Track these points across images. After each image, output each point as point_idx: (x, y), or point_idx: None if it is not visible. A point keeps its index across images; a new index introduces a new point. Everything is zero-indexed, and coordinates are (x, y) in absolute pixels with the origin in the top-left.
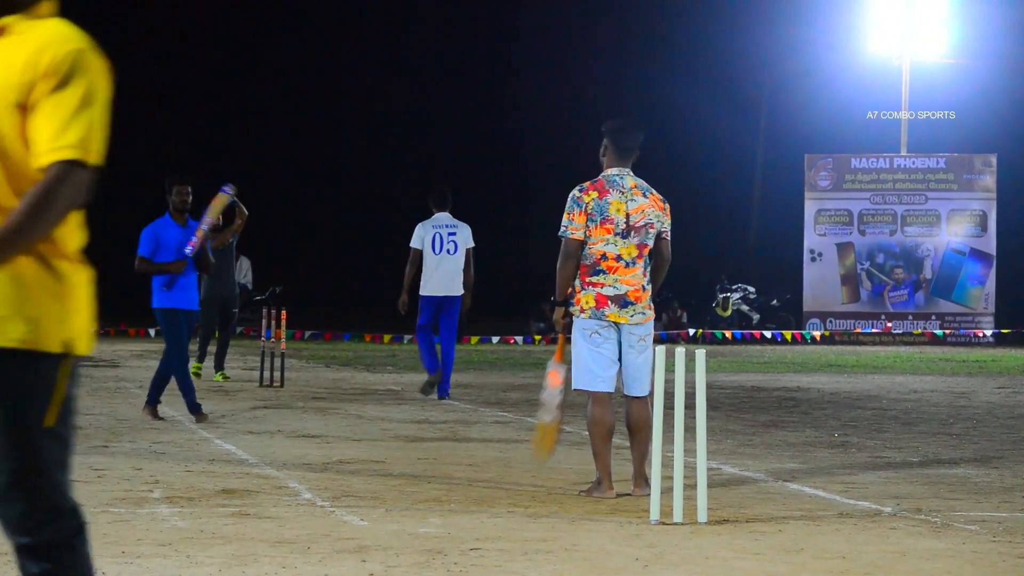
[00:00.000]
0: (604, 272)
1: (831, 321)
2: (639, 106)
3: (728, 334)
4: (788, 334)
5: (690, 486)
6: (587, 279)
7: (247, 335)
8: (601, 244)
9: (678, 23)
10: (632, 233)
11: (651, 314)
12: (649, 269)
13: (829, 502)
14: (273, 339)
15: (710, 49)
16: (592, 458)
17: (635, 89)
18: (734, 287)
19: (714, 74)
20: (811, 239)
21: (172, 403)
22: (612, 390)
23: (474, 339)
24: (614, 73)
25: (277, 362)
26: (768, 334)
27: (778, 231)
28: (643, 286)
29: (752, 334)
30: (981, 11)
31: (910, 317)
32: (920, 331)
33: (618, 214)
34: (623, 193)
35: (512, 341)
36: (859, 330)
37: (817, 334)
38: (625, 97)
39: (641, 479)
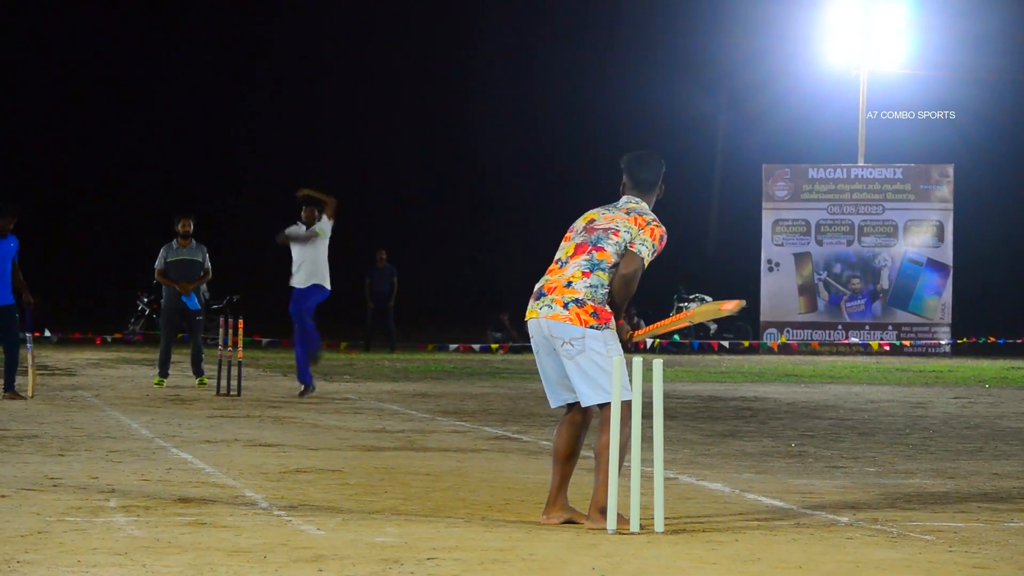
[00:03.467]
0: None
1: (788, 331)
2: (596, 118)
3: (686, 341)
4: (745, 343)
5: (647, 495)
6: None
7: (205, 343)
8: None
9: (636, 34)
10: (581, 234)
11: (570, 315)
12: (595, 276)
13: (786, 512)
14: (230, 347)
15: (668, 59)
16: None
17: (592, 100)
18: (692, 297)
19: (672, 83)
20: (769, 249)
21: (126, 410)
22: (556, 404)
23: (430, 346)
24: (572, 85)
25: (234, 371)
26: (725, 344)
27: (736, 241)
28: (568, 282)
29: (709, 344)
30: (939, 22)
31: (867, 327)
32: (877, 341)
33: (581, 221)
34: (607, 208)
35: (469, 350)
36: (816, 344)
37: (775, 344)
38: (583, 109)
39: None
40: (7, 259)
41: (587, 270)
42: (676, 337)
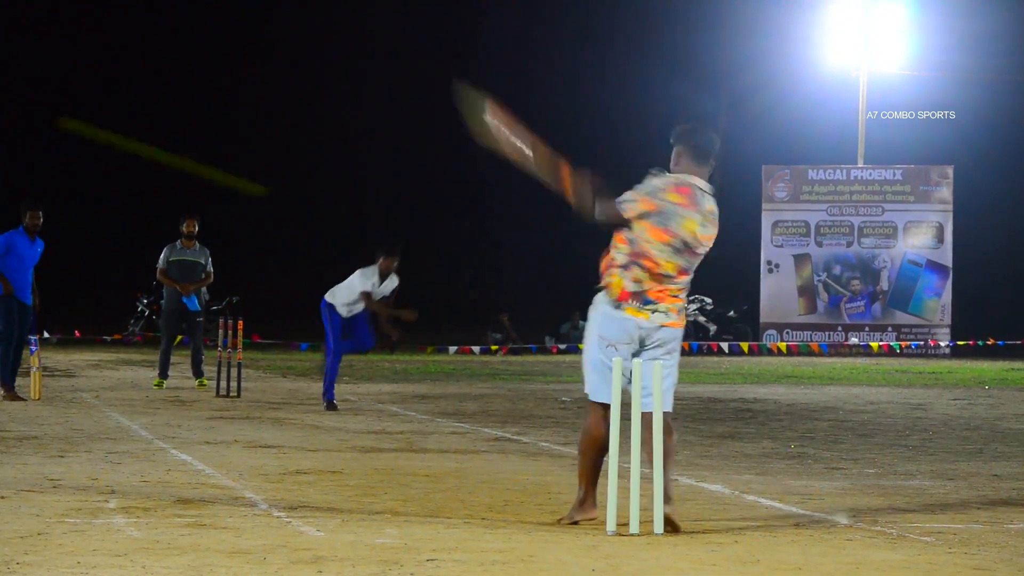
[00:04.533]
0: (641, 268)
1: (788, 332)
2: (594, 120)
3: (685, 345)
4: (745, 345)
5: (646, 497)
6: (619, 264)
7: (204, 344)
8: (650, 245)
9: (636, 34)
10: (684, 255)
11: (679, 321)
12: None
13: (785, 513)
14: (230, 349)
15: (668, 60)
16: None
17: (593, 101)
18: (691, 298)
19: (671, 84)
20: (768, 250)
21: (126, 412)
22: (601, 400)
23: (430, 348)
24: (572, 86)
25: (233, 372)
26: (725, 345)
27: (735, 242)
28: (674, 293)
29: (709, 345)
30: (939, 22)
31: (867, 328)
32: (876, 343)
33: (685, 232)
34: (703, 216)
35: (469, 351)
36: (816, 345)
37: (774, 345)
38: (583, 109)
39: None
40: (33, 262)
41: (679, 288)
42: None
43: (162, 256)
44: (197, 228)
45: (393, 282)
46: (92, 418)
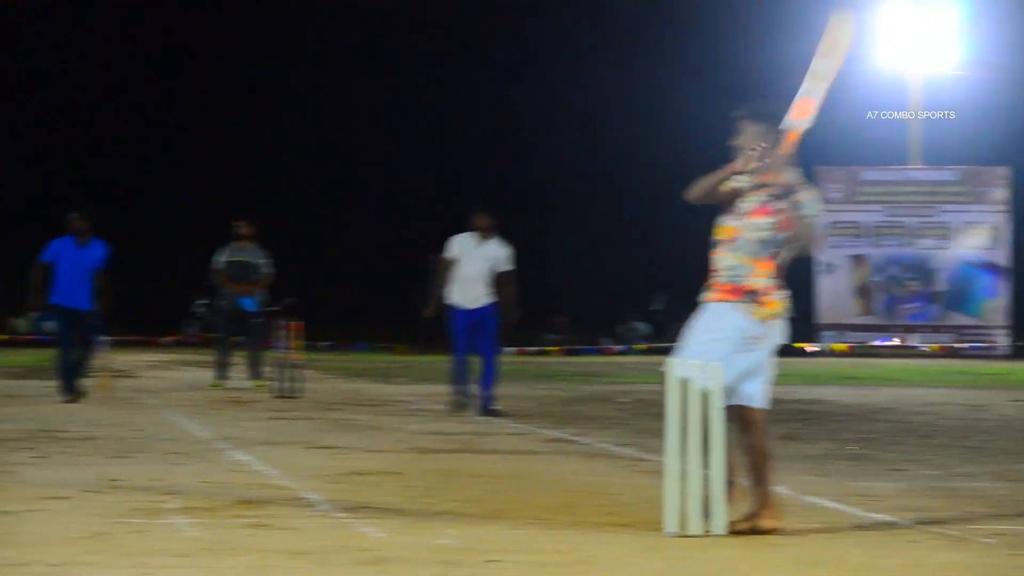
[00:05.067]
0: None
1: (845, 333)
2: (646, 117)
3: None
4: (797, 344)
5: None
6: (764, 288)
7: (261, 346)
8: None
9: (687, 34)
10: None
11: None
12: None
13: (847, 515)
14: (288, 350)
15: (721, 60)
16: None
17: (643, 99)
18: None
19: (724, 86)
20: (824, 251)
21: (184, 412)
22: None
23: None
24: (623, 84)
25: (292, 373)
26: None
27: None
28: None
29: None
30: (993, 22)
31: (924, 329)
32: (935, 344)
33: None
34: None
35: (525, 352)
36: (873, 343)
37: (833, 346)
38: (633, 108)
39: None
40: (89, 266)
41: None
42: None
43: (218, 257)
44: (251, 229)
45: (500, 249)
46: (151, 419)
